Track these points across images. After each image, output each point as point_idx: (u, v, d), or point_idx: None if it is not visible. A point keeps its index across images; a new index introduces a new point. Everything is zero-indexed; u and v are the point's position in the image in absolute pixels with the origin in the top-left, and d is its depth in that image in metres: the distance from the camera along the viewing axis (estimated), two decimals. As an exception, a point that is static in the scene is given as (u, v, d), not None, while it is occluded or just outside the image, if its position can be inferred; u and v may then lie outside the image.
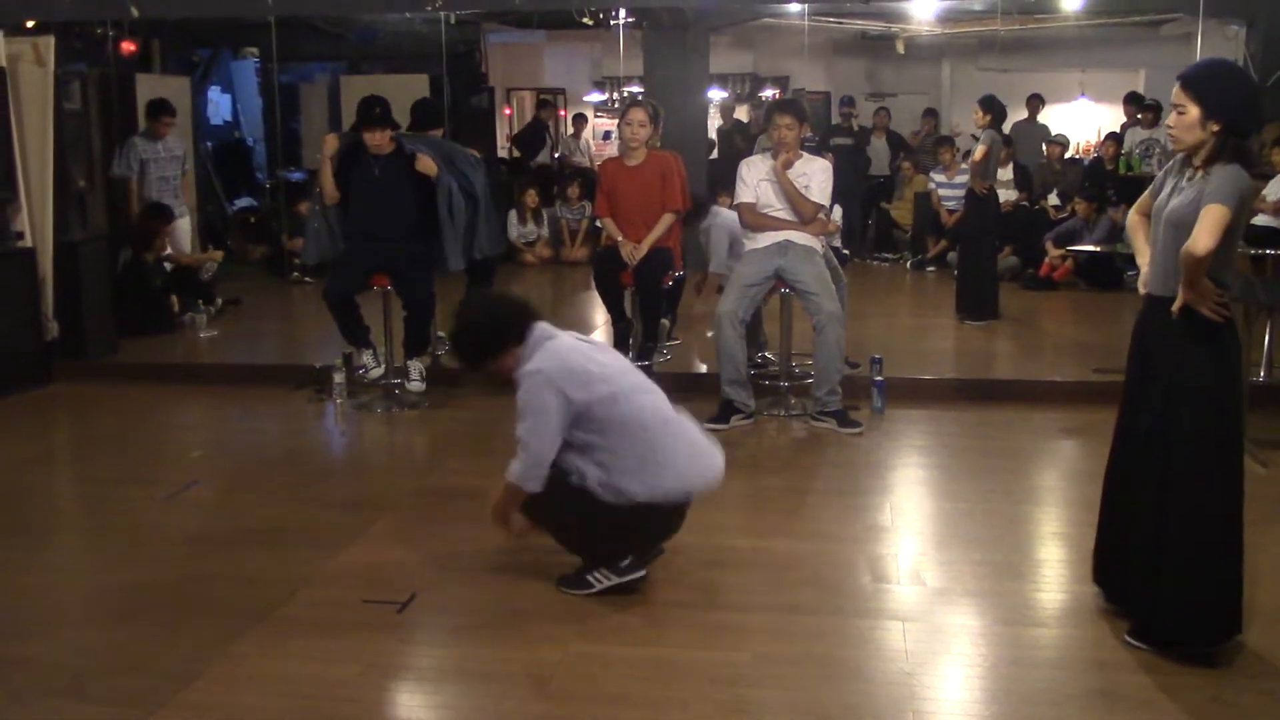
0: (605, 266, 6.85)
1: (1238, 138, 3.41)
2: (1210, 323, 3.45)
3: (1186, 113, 3.45)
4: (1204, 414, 3.50)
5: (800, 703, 3.36)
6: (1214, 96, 3.43)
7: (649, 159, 6.79)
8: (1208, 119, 3.41)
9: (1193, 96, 3.44)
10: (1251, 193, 3.45)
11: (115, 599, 4.21)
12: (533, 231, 12.87)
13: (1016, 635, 3.80)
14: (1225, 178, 3.37)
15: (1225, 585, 3.53)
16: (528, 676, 3.50)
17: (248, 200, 14.34)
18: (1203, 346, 3.49)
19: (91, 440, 6.63)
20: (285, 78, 14.01)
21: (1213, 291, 3.42)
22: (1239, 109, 3.44)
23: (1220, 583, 3.52)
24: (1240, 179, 3.38)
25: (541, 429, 3.90)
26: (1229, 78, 3.56)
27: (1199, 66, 3.61)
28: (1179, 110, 3.48)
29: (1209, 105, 3.41)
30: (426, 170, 6.60)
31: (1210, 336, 3.48)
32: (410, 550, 4.57)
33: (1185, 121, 3.46)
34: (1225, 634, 3.57)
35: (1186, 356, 3.51)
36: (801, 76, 15.56)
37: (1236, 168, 3.39)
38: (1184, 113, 3.46)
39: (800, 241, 6.28)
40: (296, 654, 3.68)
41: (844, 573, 4.30)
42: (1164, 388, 3.56)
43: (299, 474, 5.80)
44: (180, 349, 8.57)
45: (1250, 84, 3.60)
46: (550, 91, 16.47)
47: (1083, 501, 5.27)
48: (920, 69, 16.02)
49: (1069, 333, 9.27)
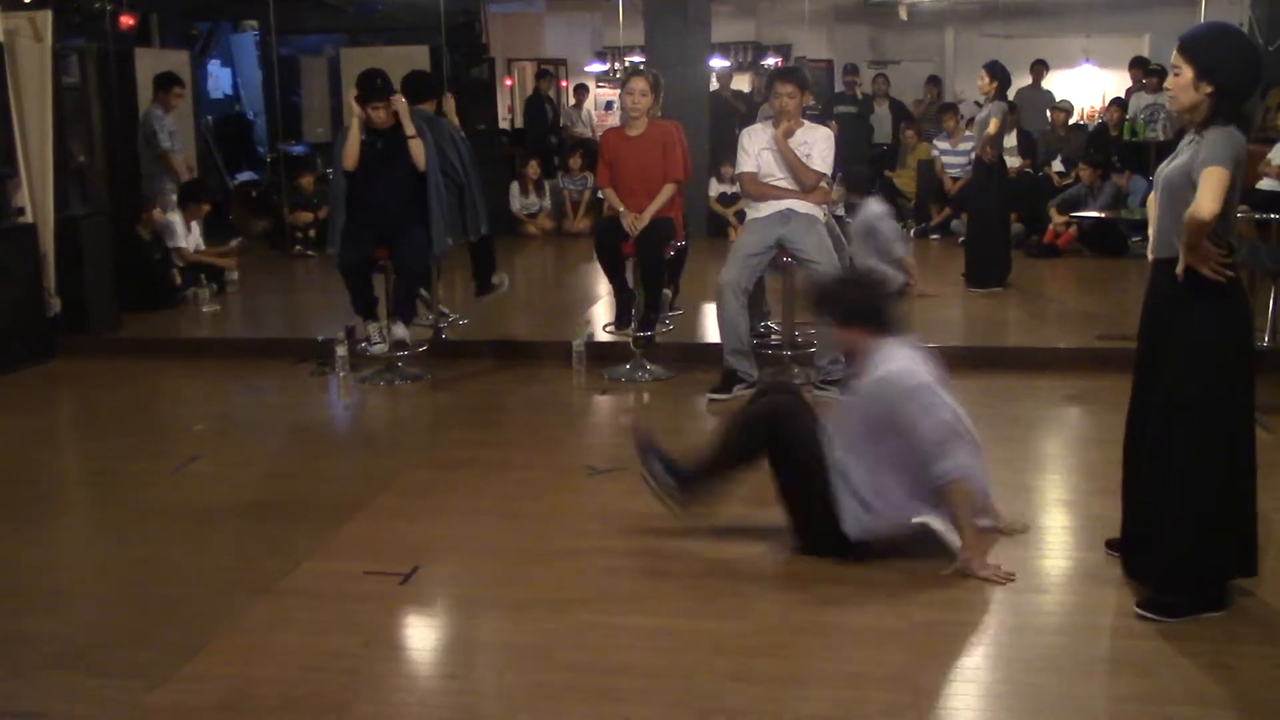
0: (607, 237, 6.83)
1: (1232, 99, 3.43)
2: (1216, 283, 3.45)
3: (1181, 74, 3.49)
4: (1212, 372, 3.50)
5: (803, 671, 3.37)
6: (1208, 58, 3.45)
7: (650, 128, 6.75)
8: (1200, 80, 3.44)
9: (1187, 58, 3.47)
10: (1245, 153, 3.46)
11: (119, 573, 4.22)
12: (535, 203, 12.82)
13: (1020, 601, 3.79)
14: (1218, 140, 3.40)
15: (1222, 529, 3.54)
16: (531, 647, 3.50)
17: (249, 174, 14.30)
18: (1209, 307, 3.49)
19: (94, 415, 6.64)
20: (285, 51, 13.94)
21: (1214, 253, 3.42)
22: (1233, 71, 3.46)
23: (1217, 526, 3.53)
24: (1232, 139, 3.40)
25: (951, 419, 3.89)
26: (1225, 40, 3.58)
27: (1196, 29, 3.67)
28: (1175, 71, 3.51)
29: (1202, 67, 3.44)
30: (417, 160, 6.60)
31: (1216, 296, 3.48)
32: (413, 522, 4.57)
33: (1180, 83, 3.49)
34: (1221, 572, 3.59)
35: (1194, 317, 3.51)
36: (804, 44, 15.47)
37: (1230, 129, 3.41)
38: (1179, 74, 3.50)
39: (802, 210, 6.25)
40: (299, 626, 3.69)
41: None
42: (1173, 350, 3.57)
43: (302, 447, 5.80)
44: (183, 324, 8.56)
45: (1247, 47, 3.61)
46: (551, 62, 16.39)
47: (1086, 468, 5.28)
48: (923, 36, 15.92)
49: (1073, 300, 9.24)
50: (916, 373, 3.94)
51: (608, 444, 5.85)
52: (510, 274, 11.16)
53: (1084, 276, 10.01)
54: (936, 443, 3.84)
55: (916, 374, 3.93)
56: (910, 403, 3.88)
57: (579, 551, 4.23)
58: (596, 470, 5.15)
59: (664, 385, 6.73)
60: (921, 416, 3.85)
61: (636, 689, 3.24)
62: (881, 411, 3.93)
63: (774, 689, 3.26)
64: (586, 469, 5.17)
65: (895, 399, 3.90)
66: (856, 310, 4.09)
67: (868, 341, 4.06)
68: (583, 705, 3.17)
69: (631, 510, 4.50)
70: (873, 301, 4.10)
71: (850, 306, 4.11)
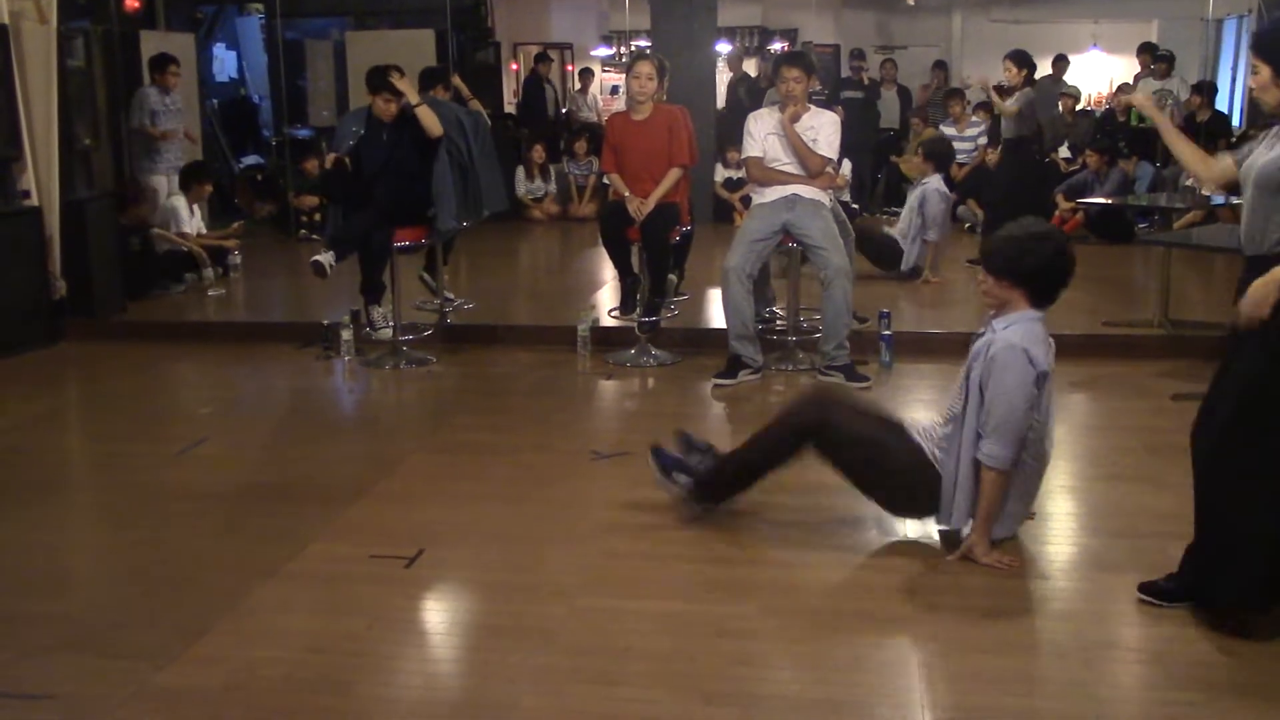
0: (612, 222, 6.82)
1: None
2: None
3: (1259, 73, 3.44)
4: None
5: (807, 655, 3.37)
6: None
7: (656, 113, 6.74)
8: (1279, 76, 3.39)
9: (1263, 57, 3.43)
10: None
11: (126, 555, 4.23)
12: (540, 187, 12.82)
13: (1022, 587, 3.80)
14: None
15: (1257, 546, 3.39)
16: (535, 630, 3.51)
17: (254, 158, 14.29)
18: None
19: (101, 398, 6.65)
20: (290, 34, 13.92)
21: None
22: None
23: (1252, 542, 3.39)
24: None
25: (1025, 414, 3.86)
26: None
27: (1267, 26, 3.58)
28: (1254, 71, 3.47)
29: (1278, 62, 3.38)
30: (429, 127, 6.60)
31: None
32: (418, 506, 4.59)
33: (1260, 81, 3.45)
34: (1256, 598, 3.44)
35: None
36: (810, 29, 15.43)
37: None
38: (1258, 73, 3.45)
39: (808, 195, 6.24)
40: (305, 608, 3.70)
41: (850, 526, 4.30)
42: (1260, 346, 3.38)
43: (307, 430, 5.81)
44: (189, 307, 8.57)
45: None
46: (557, 46, 16.34)
47: (1090, 455, 5.28)
48: (930, 20, 15.88)
49: (1079, 286, 9.08)
50: (1036, 356, 3.87)
51: (612, 429, 5.86)
52: (515, 258, 11.23)
53: (1090, 263, 9.91)
54: (1000, 423, 3.82)
55: (1035, 356, 3.86)
56: (1008, 373, 3.83)
57: (583, 536, 4.24)
58: (601, 455, 5.15)
59: (669, 370, 6.73)
60: (1007, 390, 3.81)
61: (641, 672, 3.25)
62: (986, 372, 3.88)
63: (778, 673, 3.28)
64: (591, 454, 5.17)
65: (1002, 363, 3.85)
66: (1025, 273, 3.93)
67: (1020, 305, 3.97)
68: (586, 688, 3.18)
69: (636, 495, 4.51)
70: (1044, 271, 3.95)
71: (1020, 267, 3.93)
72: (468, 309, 7.91)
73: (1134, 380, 6.30)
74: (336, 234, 6.82)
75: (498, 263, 10.44)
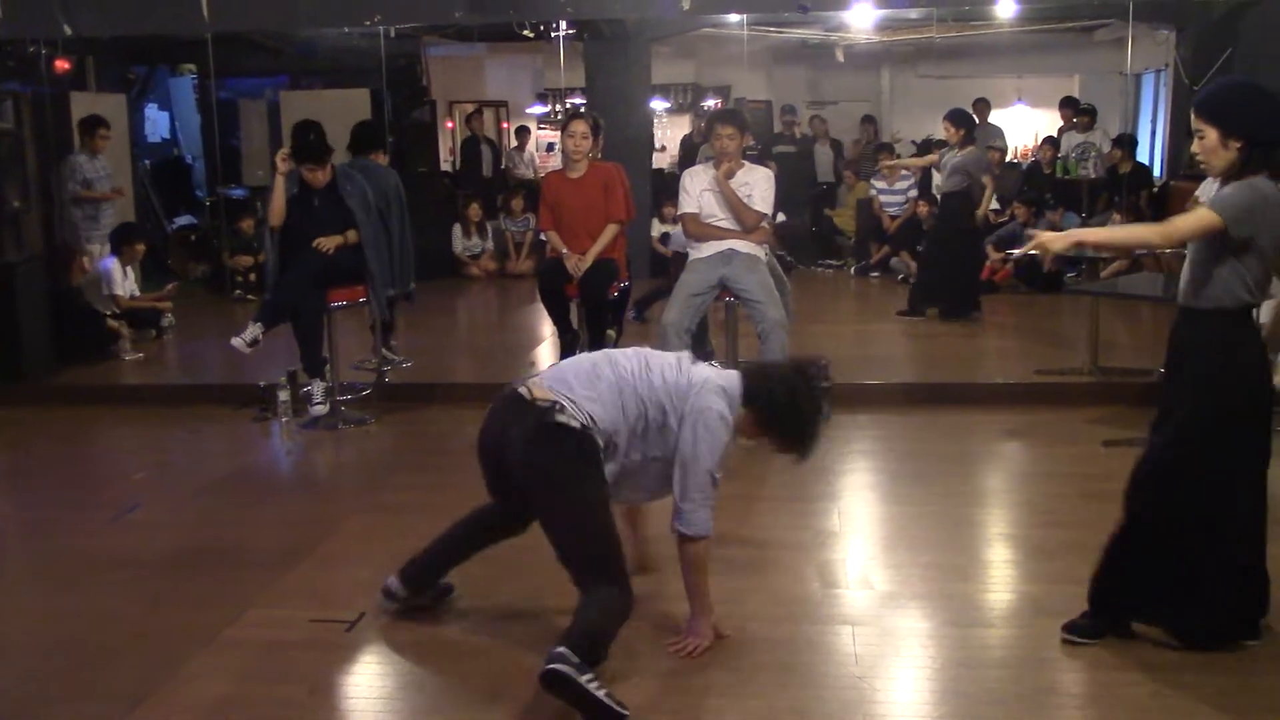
0: (550, 279, 6.84)
1: (1264, 150, 3.38)
2: (1235, 334, 3.47)
3: (1206, 136, 3.45)
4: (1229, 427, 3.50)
5: (752, 709, 3.38)
6: (1227, 114, 3.43)
7: (591, 170, 6.79)
8: (1227, 137, 3.41)
9: (1206, 119, 3.45)
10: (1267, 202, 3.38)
11: (59, 624, 4.14)
12: (477, 245, 12.83)
13: (964, 636, 3.84)
14: (1232, 190, 3.40)
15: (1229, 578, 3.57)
16: (479, 692, 3.48)
17: (188, 218, 14.17)
18: (1228, 356, 3.48)
19: (31, 464, 6.52)
20: (224, 94, 13.86)
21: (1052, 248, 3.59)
22: (1256, 122, 3.41)
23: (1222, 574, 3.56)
24: (1252, 189, 3.37)
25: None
26: (1240, 93, 3.53)
27: (1209, 89, 3.60)
28: (1199, 135, 3.48)
29: (1225, 124, 3.41)
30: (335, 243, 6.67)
31: (1232, 347, 3.47)
32: (359, 568, 4.53)
33: (1207, 145, 3.46)
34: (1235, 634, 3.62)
35: (1212, 366, 3.49)
36: (743, 85, 15.61)
37: (1253, 180, 3.38)
38: (1204, 137, 3.46)
39: (744, 250, 6.31)
40: (244, 675, 3.65)
41: (793, 578, 4.32)
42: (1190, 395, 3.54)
43: (244, 494, 5.74)
44: (121, 371, 8.44)
45: (1265, 94, 3.50)
46: (492, 104, 16.42)
47: (1027, 503, 5.35)
48: (860, 77, 16.14)
49: (1011, 335, 9.38)
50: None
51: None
52: (453, 316, 11.21)
53: (1021, 312, 10.17)
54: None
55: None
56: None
57: (525, 593, 4.22)
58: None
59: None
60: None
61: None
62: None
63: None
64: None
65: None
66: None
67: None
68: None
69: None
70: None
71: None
72: (405, 367, 7.88)
73: (1066, 426, 6.41)
74: (272, 297, 6.73)
75: (436, 320, 10.40)
